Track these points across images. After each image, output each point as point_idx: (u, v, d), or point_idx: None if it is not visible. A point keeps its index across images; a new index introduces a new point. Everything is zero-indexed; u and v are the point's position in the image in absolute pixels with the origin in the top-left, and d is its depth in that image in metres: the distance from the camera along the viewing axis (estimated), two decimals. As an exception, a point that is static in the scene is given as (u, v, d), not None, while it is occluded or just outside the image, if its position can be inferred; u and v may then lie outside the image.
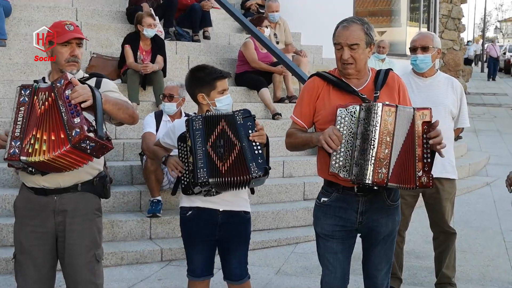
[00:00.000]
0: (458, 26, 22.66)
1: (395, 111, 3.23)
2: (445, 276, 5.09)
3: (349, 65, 3.45)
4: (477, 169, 10.53)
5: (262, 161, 3.54)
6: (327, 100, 3.49)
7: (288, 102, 9.06)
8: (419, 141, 3.30)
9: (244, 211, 3.90)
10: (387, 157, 3.22)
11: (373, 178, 3.21)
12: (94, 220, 3.56)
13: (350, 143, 3.28)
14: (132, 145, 7.16)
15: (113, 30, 9.75)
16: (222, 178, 3.55)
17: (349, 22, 3.45)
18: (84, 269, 3.49)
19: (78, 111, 3.13)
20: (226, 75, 3.90)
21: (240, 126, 3.58)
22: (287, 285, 5.44)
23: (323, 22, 12.52)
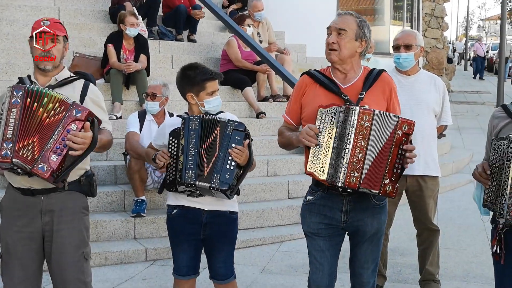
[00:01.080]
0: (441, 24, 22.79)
1: (372, 116, 3.24)
2: (429, 273, 5.11)
3: (333, 51, 3.45)
4: (460, 166, 10.59)
5: (229, 177, 3.53)
6: (312, 98, 3.50)
7: (272, 101, 9.07)
8: (395, 150, 3.31)
9: (230, 211, 3.89)
10: (361, 161, 3.24)
11: (345, 181, 3.23)
12: (81, 218, 3.55)
13: (328, 144, 3.29)
14: (115, 144, 7.09)
15: (96, 30, 9.70)
16: (202, 182, 3.58)
17: (346, 12, 3.52)
18: (73, 267, 3.49)
19: (61, 152, 3.14)
20: (216, 77, 3.87)
21: (226, 136, 3.57)
22: (272, 283, 5.44)
23: (307, 21, 12.62)
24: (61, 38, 3.54)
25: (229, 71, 9.05)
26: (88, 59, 8.37)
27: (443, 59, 22.62)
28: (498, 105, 19.14)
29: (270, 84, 9.24)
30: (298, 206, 6.92)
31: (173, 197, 3.89)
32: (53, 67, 3.51)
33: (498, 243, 3.25)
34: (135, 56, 8.15)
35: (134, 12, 8.66)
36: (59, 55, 3.53)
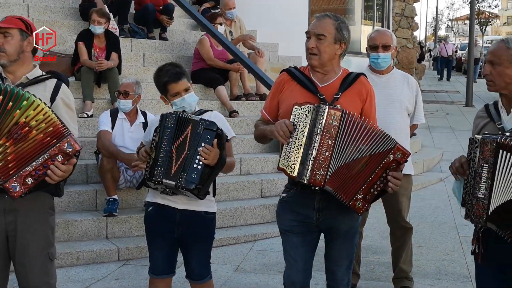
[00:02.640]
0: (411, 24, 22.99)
1: (340, 116, 3.26)
2: (402, 270, 5.15)
3: (313, 56, 3.48)
4: (431, 165, 10.69)
5: (195, 177, 3.50)
6: (289, 95, 3.52)
7: (245, 100, 9.05)
8: (379, 172, 3.30)
9: (205, 211, 3.84)
10: (327, 160, 3.26)
11: (310, 179, 3.26)
12: (47, 219, 3.48)
13: (300, 141, 3.30)
14: (87, 143, 7.04)
15: (66, 27, 9.57)
16: (170, 180, 3.55)
17: (323, 15, 3.51)
18: (37, 268, 3.42)
19: (39, 177, 3.09)
20: (174, 79, 3.80)
21: (197, 135, 3.55)
22: (246, 282, 5.43)
23: (279, 20, 12.63)
24: (15, 32, 3.43)
25: (202, 70, 9.02)
26: (58, 57, 8.26)
27: (413, 58, 22.81)
28: (467, 105, 19.40)
29: (243, 82, 9.22)
30: (271, 204, 7.00)
31: (151, 194, 3.87)
32: (8, 61, 3.41)
33: (477, 242, 3.26)
34: (107, 54, 8.07)
35: (104, 10, 8.56)
36: (13, 50, 3.42)
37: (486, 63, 3.25)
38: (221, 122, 3.84)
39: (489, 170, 2.99)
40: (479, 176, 3.01)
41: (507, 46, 3.18)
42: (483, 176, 3.00)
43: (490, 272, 3.27)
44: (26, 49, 3.47)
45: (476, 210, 3.03)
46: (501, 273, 3.21)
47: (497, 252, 3.17)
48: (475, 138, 3.07)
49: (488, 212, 3.00)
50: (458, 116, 17.54)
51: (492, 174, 2.98)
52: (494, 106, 3.32)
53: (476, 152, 3.04)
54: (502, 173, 2.96)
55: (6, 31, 3.41)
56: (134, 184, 6.36)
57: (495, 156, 2.97)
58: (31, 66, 3.53)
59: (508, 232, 2.97)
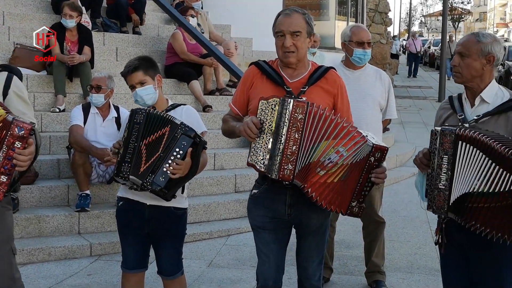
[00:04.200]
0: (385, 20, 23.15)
1: (305, 108, 3.21)
2: (375, 264, 5.19)
3: (291, 53, 3.42)
4: (404, 160, 10.78)
5: (163, 180, 3.49)
6: (259, 90, 3.48)
7: (219, 95, 9.03)
8: (365, 176, 3.29)
9: (175, 207, 3.81)
10: (294, 154, 3.22)
11: (279, 173, 3.22)
12: (4, 213, 3.39)
13: (268, 135, 3.26)
14: (58, 138, 6.98)
15: (38, 20, 9.44)
16: (138, 177, 3.54)
17: (291, 10, 3.45)
18: (1, 263, 3.35)
19: (10, 172, 3.02)
20: (128, 72, 3.78)
21: (174, 139, 3.51)
22: (219, 277, 5.42)
23: (253, 15, 12.62)
24: None
25: (175, 64, 8.99)
26: (29, 51, 8.13)
27: (386, 54, 22.99)
28: (440, 100, 19.59)
29: (217, 77, 9.20)
30: (245, 199, 6.96)
31: (122, 189, 3.86)
32: None
33: (440, 233, 3.31)
34: (79, 48, 7.98)
35: (75, 3, 8.45)
36: None
37: (455, 54, 3.29)
38: (193, 116, 3.83)
39: (449, 161, 3.02)
40: (440, 168, 3.05)
41: (478, 39, 3.23)
42: (443, 167, 3.04)
43: (453, 261, 3.34)
44: None
45: (437, 201, 3.07)
46: (465, 259, 3.27)
47: (460, 239, 3.25)
48: (435, 130, 3.11)
49: (449, 202, 3.05)
50: (431, 111, 17.67)
51: (452, 165, 3.02)
52: (458, 99, 3.37)
53: (435, 145, 3.08)
54: (462, 164, 3.00)
55: None
56: (107, 179, 6.32)
57: (454, 148, 3.01)
58: None
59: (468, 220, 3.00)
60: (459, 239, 3.25)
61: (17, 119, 3.07)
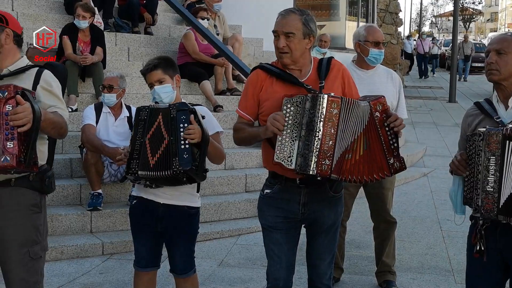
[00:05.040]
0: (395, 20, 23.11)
1: (339, 103, 3.22)
2: (385, 264, 5.20)
3: (284, 54, 3.43)
4: (414, 160, 10.76)
5: (187, 156, 3.49)
6: (271, 92, 3.47)
7: (230, 95, 9.07)
8: (383, 131, 3.32)
9: (188, 206, 3.84)
10: (331, 149, 3.21)
11: (316, 169, 3.20)
12: (29, 216, 3.40)
13: (295, 133, 3.26)
14: (71, 137, 7.02)
15: (51, 21, 9.51)
16: (151, 172, 3.55)
17: (288, 11, 3.45)
18: (15, 266, 3.37)
19: (13, 135, 2.99)
20: (146, 70, 3.83)
21: (172, 120, 3.54)
22: (230, 276, 5.45)
23: (264, 15, 12.57)
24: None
25: (186, 64, 9.02)
26: (42, 51, 8.21)
27: (397, 54, 22.95)
28: (450, 101, 19.52)
29: (227, 77, 9.24)
30: (255, 199, 6.92)
31: (136, 187, 3.90)
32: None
33: (480, 240, 3.22)
34: (91, 48, 8.05)
35: (88, 4, 8.52)
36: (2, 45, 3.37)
37: (490, 52, 3.28)
38: (208, 116, 3.84)
39: (497, 162, 2.99)
40: (487, 169, 3.01)
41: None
42: (490, 169, 3.01)
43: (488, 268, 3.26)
44: (5, 42, 3.39)
45: (486, 204, 3.02)
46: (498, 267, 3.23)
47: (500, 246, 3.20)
48: (479, 132, 3.07)
49: (499, 205, 3.00)
50: (441, 111, 17.64)
51: (501, 166, 2.99)
52: (488, 103, 3.35)
53: (480, 146, 3.04)
54: (510, 164, 2.97)
55: None
56: (119, 178, 6.36)
57: (502, 148, 2.98)
58: (16, 57, 3.45)
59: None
60: (499, 246, 3.20)
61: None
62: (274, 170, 3.48)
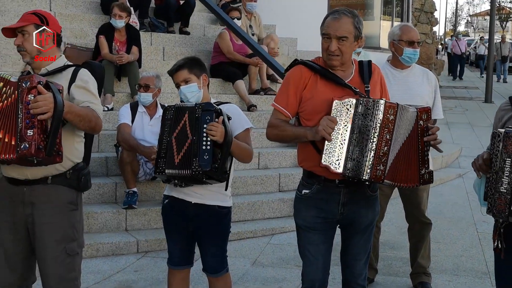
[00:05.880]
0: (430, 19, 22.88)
1: (396, 109, 3.22)
2: (420, 265, 5.16)
3: (335, 57, 3.40)
4: (449, 161, 10.65)
5: (208, 158, 3.49)
6: (315, 91, 3.42)
7: (264, 94, 9.08)
8: (421, 140, 3.33)
9: (219, 205, 3.85)
10: (386, 155, 3.21)
11: (371, 175, 3.19)
12: (66, 213, 3.46)
13: (344, 136, 3.25)
14: (107, 136, 7.11)
15: (87, 21, 9.64)
16: (175, 170, 3.57)
17: (340, 14, 3.40)
18: (53, 262, 3.43)
19: (33, 123, 3.05)
20: (173, 71, 3.87)
21: (196, 120, 3.56)
22: (263, 276, 5.46)
23: (298, 15, 12.63)
24: (31, 28, 3.44)
25: (221, 64, 9.06)
26: (79, 51, 8.33)
27: (432, 54, 22.71)
28: (486, 101, 19.26)
29: (261, 77, 9.25)
30: (289, 199, 7.01)
31: (168, 187, 3.92)
32: (31, 58, 3.45)
33: (499, 238, 3.21)
34: (127, 48, 8.13)
35: (124, 4, 8.60)
36: (33, 46, 3.45)
37: None
38: (237, 113, 3.84)
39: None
40: (502, 171, 2.98)
41: None
42: (505, 171, 2.98)
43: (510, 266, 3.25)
44: (44, 43, 3.47)
45: (498, 205, 3.00)
46: None
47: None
48: (498, 132, 3.04)
49: (510, 206, 2.97)
50: (477, 112, 17.42)
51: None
52: None
53: (499, 146, 3.01)
54: None
55: (23, 30, 3.43)
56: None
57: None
58: (55, 57, 3.52)
59: None
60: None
61: (22, 76, 3.16)
62: (313, 170, 3.47)
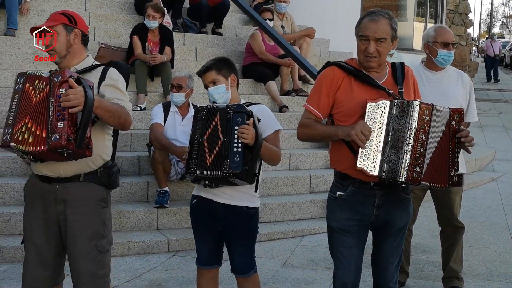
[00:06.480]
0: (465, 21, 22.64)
1: (431, 110, 3.21)
2: (453, 270, 5.10)
3: (373, 58, 3.38)
4: (483, 164, 10.52)
5: (238, 160, 3.49)
6: (350, 93, 3.41)
7: (295, 95, 9.07)
8: (453, 142, 3.31)
9: (247, 206, 3.84)
10: (422, 156, 3.19)
11: (407, 177, 3.18)
12: (96, 210, 3.51)
13: (378, 139, 3.24)
14: (139, 135, 7.17)
15: (122, 21, 9.75)
16: (207, 171, 3.58)
17: (378, 15, 3.38)
18: (84, 259, 3.47)
19: (64, 116, 3.10)
20: (201, 72, 3.89)
21: (228, 121, 3.56)
22: (293, 277, 5.45)
23: (330, 16, 12.60)
24: (59, 29, 3.48)
25: (252, 64, 9.08)
26: (113, 50, 8.42)
27: (466, 56, 22.48)
28: (521, 104, 18.96)
29: (293, 78, 9.24)
30: (319, 200, 7.00)
31: (196, 187, 3.93)
32: (59, 58, 3.48)
33: None
34: (160, 48, 8.19)
35: (158, 4, 8.67)
36: (62, 46, 3.47)
37: None
38: (267, 114, 3.84)
39: None
40: None
41: None
42: None
43: None
44: (74, 42, 3.50)
45: None
46: None
47: None
48: None
49: None
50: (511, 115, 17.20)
51: None
52: None
53: None
54: None
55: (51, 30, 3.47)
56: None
57: None
58: (82, 57, 3.56)
59: None
60: None
61: (53, 71, 3.22)
62: (348, 173, 3.45)
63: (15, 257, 5.39)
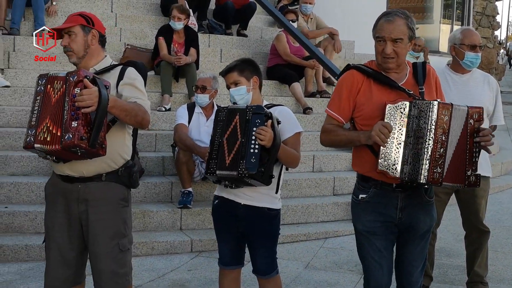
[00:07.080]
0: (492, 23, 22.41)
1: (450, 109, 3.18)
2: (477, 274, 5.04)
3: (391, 59, 3.37)
4: (509, 168, 10.42)
5: (255, 161, 3.48)
6: (369, 95, 3.40)
7: (320, 97, 9.05)
8: (471, 141, 3.27)
9: (268, 208, 3.84)
10: (442, 156, 3.17)
11: (428, 178, 3.16)
12: (118, 210, 3.55)
13: (399, 140, 3.22)
14: (164, 136, 7.21)
15: (147, 22, 9.82)
16: (225, 171, 3.58)
17: (393, 15, 3.37)
18: (106, 258, 3.50)
19: (78, 115, 3.13)
20: (223, 73, 3.90)
21: (247, 122, 3.56)
22: (316, 279, 5.43)
23: (355, 18, 12.56)
24: (77, 29, 3.51)
25: (277, 66, 9.07)
26: (138, 51, 8.48)
27: (493, 58, 22.26)
28: (549, 107, 18.69)
29: (318, 79, 9.22)
30: (343, 202, 6.98)
31: (218, 187, 3.94)
32: (77, 58, 3.52)
33: None
34: (185, 49, 8.23)
35: (183, 6, 8.71)
36: (79, 47, 3.51)
37: None
38: (288, 116, 3.84)
39: None
40: None
41: None
42: None
43: None
44: (91, 43, 3.54)
45: None
46: None
47: None
48: None
49: None
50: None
51: None
52: None
53: None
54: None
55: (69, 30, 3.51)
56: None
57: None
58: (100, 57, 3.60)
59: None
60: None
61: (70, 72, 3.25)
62: (371, 176, 3.43)
63: (40, 255, 5.44)
